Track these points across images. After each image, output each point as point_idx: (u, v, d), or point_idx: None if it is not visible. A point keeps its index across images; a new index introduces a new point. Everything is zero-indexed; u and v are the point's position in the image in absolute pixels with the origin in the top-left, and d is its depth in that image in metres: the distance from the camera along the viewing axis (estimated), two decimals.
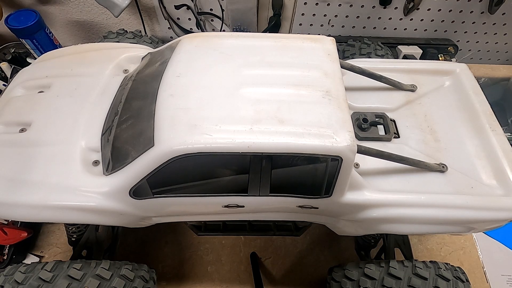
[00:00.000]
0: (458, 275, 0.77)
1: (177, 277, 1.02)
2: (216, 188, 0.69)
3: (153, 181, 0.66)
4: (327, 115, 0.65)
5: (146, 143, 0.64)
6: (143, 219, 0.79)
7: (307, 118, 0.64)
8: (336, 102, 0.68)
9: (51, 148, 0.72)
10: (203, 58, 0.75)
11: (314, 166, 0.65)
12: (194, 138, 0.61)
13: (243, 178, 0.67)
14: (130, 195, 0.68)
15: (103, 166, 0.71)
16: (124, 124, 0.73)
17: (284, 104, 0.66)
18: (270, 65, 0.74)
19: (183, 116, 0.64)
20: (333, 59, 0.76)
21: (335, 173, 0.66)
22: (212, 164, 0.65)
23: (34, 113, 0.77)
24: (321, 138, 0.62)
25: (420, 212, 0.71)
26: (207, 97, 0.67)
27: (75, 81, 0.83)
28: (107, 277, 0.71)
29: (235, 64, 0.73)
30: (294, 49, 0.78)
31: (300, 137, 0.61)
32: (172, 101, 0.66)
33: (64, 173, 0.69)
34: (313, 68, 0.73)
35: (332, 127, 0.63)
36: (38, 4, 1.37)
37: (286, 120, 0.63)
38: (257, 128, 0.62)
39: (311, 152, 0.62)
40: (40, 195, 0.67)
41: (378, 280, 0.74)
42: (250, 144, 0.60)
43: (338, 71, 0.74)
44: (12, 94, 0.83)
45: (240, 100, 0.67)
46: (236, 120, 0.63)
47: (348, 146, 0.62)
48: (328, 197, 0.71)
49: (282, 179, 0.68)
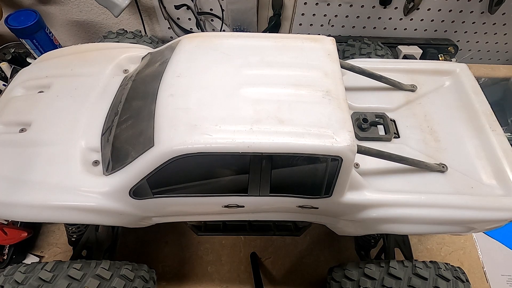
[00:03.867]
0: (458, 275, 0.77)
1: (177, 277, 1.01)
2: (216, 188, 0.69)
3: (153, 181, 0.66)
4: (327, 115, 0.65)
5: (146, 143, 0.64)
6: (143, 219, 0.79)
7: (307, 118, 0.64)
8: (336, 102, 0.68)
9: (51, 148, 0.72)
10: (203, 58, 0.75)
11: (314, 166, 0.65)
12: (194, 138, 0.61)
13: (243, 178, 0.67)
14: (130, 195, 0.68)
15: (103, 166, 0.71)
16: (124, 124, 0.73)
17: (284, 104, 0.66)
18: (270, 65, 0.74)
19: (183, 116, 0.64)
20: (333, 59, 0.76)
21: (335, 173, 0.66)
22: (212, 164, 0.65)
23: (34, 113, 0.77)
24: (321, 138, 0.62)
25: (420, 212, 0.71)
26: (207, 97, 0.67)
27: (75, 81, 0.83)
28: (107, 277, 0.71)
29: (235, 64, 0.73)
30: (294, 49, 0.78)
31: (300, 137, 0.61)
32: (172, 101, 0.66)
33: (64, 173, 0.69)
34: (313, 68, 0.73)
35: (332, 127, 0.63)
36: (38, 4, 1.37)
37: (286, 120, 0.63)
38: (257, 128, 0.62)
39: (311, 152, 0.62)
40: (40, 195, 0.67)
41: (378, 280, 0.74)
42: (250, 144, 0.60)
43: (338, 71, 0.74)
44: (12, 94, 0.83)
45: (240, 100, 0.67)
46: (236, 120, 0.63)
47: (348, 146, 0.62)
48: (328, 197, 0.71)
49: (282, 179, 0.68)
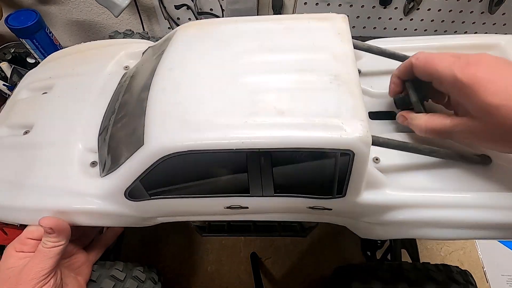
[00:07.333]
0: (468, 279, 0.73)
1: (177, 277, 1.01)
2: (215, 189, 0.64)
3: (147, 182, 0.62)
4: (336, 103, 0.56)
5: (137, 142, 0.60)
6: (146, 219, 0.75)
7: (311, 107, 0.55)
8: (346, 87, 0.58)
9: (50, 150, 0.70)
10: (198, 48, 0.69)
11: (321, 162, 0.56)
12: (184, 135, 0.55)
13: (243, 177, 0.60)
14: (126, 197, 0.65)
15: (100, 167, 0.69)
16: (120, 122, 0.70)
17: (285, 93, 0.58)
18: (271, 50, 0.66)
19: (174, 111, 0.58)
20: (344, 39, 0.66)
21: (346, 170, 0.56)
22: (207, 163, 0.59)
23: (37, 114, 0.77)
24: (327, 130, 0.53)
25: (466, 214, 0.60)
26: (201, 90, 0.61)
27: (76, 81, 0.82)
28: (121, 278, 0.71)
29: (232, 51, 0.66)
30: (299, 30, 0.69)
31: (302, 130, 0.53)
32: (164, 96, 0.61)
33: (62, 175, 0.67)
34: (320, 50, 0.64)
35: (341, 116, 0.54)
36: (38, 4, 1.40)
37: (286, 111, 0.55)
38: (253, 121, 0.54)
39: (316, 146, 0.53)
40: (39, 198, 0.66)
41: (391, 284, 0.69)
42: (244, 140, 0.53)
43: (350, 52, 0.64)
44: (18, 96, 0.83)
45: (237, 90, 0.60)
46: (231, 113, 0.56)
47: (360, 137, 0.52)
48: (342, 197, 0.62)
49: (287, 178, 0.61)
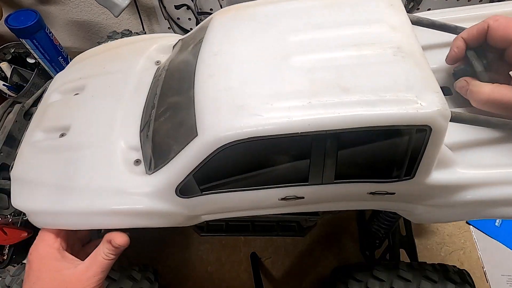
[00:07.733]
0: (465, 278, 0.72)
1: (177, 277, 1.01)
2: (271, 179, 0.60)
3: (200, 177, 0.58)
4: (404, 76, 0.51)
5: (188, 134, 0.56)
6: (192, 218, 0.72)
7: (379, 82, 0.51)
8: (412, 58, 0.53)
9: (91, 151, 0.67)
10: (241, 31, 0.64)
11: (392, 141, 0.52)
12: (243, 121, 0.51)
13: (303, 164, 0.56)
14: (177, 194, 0.61)
15: (145, 164, 0.65)
16: (162, 116, 0.66)
17: (346, 69, 0.54)
18: (320, 27, 0.61)
19: (226, 97, 0.54)
20: (398, 9, 0.62)
21: (420, 148, 0.52)
22: (265, 151, 0.55)
23: (72, 116, 0.74)
24: (401, 105, 0.48)
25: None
26: (252, 73, 0.57)
27: (108, 79, 0.79)
28: (116, 277, 0.74)
29: (277, 31, 0.62)
30: (346, 4, 0.64)
31: (373, 106, 0.49)
32: (212, 82, 0.57)
33: (107, 175, 0.64)
34: (374, 22, 0.60)
35: (413, 89, 0.50)
36: (38, 4, 1.38)
37: (351, 88, 0.51)
38: (317, 101, 0.50)
39: (390, 124, 0.49)
40: (86, 201, 0.63)
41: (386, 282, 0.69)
42: (311, 121, 0.49)
43: (407, 22, 0.59)
44: (49, 100, 0.81)
45: (290, 71, 0.55)
46: (290, 94, 0.52)
47: (439, 111, 0.48)
48: (410, 179, 0.57)
49: (351, 162, 0.56)
